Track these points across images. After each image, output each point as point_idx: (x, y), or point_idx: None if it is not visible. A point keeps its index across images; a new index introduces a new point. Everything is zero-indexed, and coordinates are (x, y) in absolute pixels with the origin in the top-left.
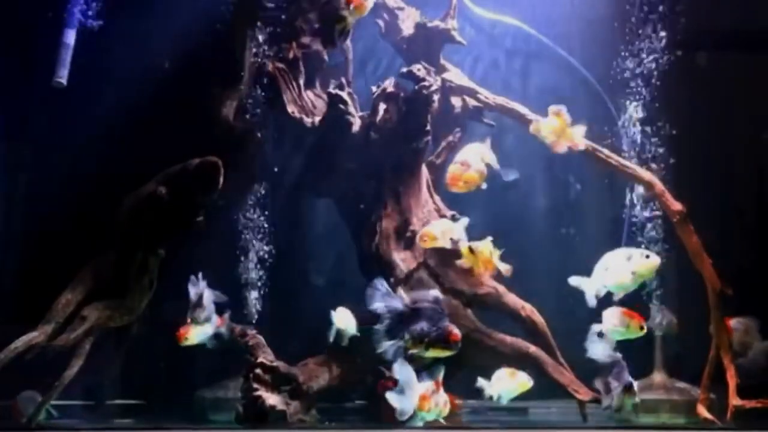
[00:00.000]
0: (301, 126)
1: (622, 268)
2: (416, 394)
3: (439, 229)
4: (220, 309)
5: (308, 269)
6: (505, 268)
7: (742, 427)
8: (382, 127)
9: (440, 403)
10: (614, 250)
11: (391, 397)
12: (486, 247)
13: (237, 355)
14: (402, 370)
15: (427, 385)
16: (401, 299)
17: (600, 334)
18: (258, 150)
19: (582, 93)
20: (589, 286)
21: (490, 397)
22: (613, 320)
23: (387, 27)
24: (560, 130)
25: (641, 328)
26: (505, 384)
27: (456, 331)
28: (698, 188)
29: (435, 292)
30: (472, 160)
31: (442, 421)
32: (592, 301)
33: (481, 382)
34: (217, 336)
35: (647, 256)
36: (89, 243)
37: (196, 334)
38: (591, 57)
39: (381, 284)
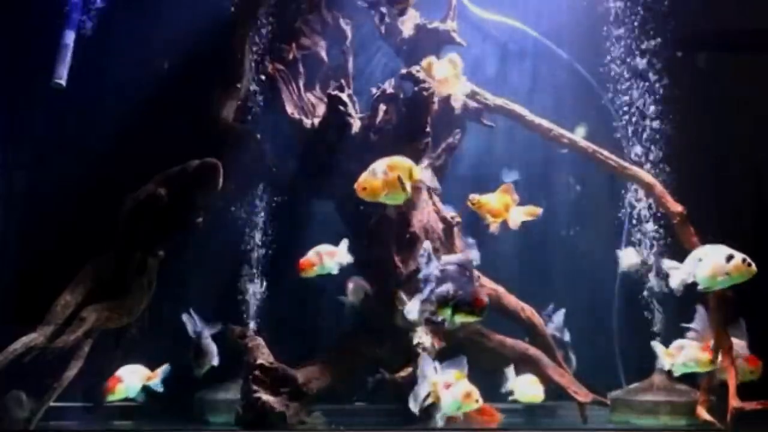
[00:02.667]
0: (300, 127)
1: (719, 264)
2: (435, 384)
3: (318, 254)
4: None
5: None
6: (530, 211)
7: (742, 429)
8: (381, 128)
9: (459, 395)
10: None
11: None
12: (491, 197)
13: (237, 356)
14: (423, 363)
15: (447, 376)
16: (435, 262)
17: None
18: (257, 151)
19: (581, 93)
20: (679, 272)
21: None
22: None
23: (387, 28)
24: (452, 76)
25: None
26: (525, 388)
27: (483, 297)
28: (698, 189)
29: (465, 256)
30: (379, 170)
31: (459, 415)
32: (676, 286)
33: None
34: (145, 388)
35: (749, 264)
36: (89, 244)
37: (124, 388)
38: (588, 56)
39: (426, 247)
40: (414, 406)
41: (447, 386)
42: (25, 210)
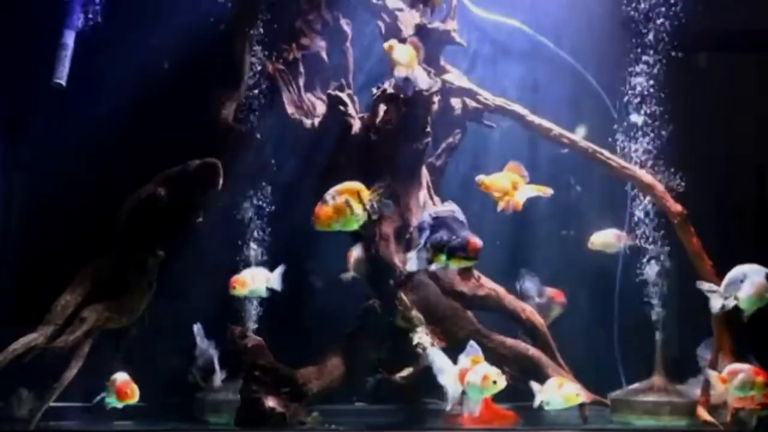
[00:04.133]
0: (300, 127)
1: (762, 284)
2: (456, 374)
3: (251, 276)
4: None
5: (307, 270)
6: (539, 188)
7: (742, 430)
8: (381, 128)
9: (475, 379)
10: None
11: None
12: (499, 176)
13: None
14: (434, 356)
15: (462, 363)
16: (429, 211)
17: None
18: (257, 151)
19: (582, 94)
20: (718, 295)
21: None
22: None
23: (387, 28)
24: (411, 59)
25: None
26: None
27: (475, 240)
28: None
29: (455, 206)
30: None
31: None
32: (717, 311)
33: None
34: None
35: None
36: (89, 244)
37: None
38: (592, 59)
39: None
40: (448, 403)
41: (466, 373)
42: (25, 210)
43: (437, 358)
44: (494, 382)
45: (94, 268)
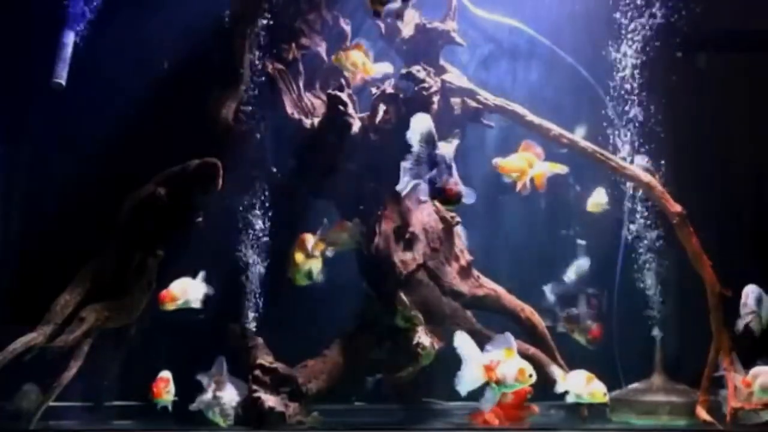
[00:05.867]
0: (300, 127)
1: None
2: (480, 364)
3: (180, 288)
4: None
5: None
6: (554, 166)
7: (741, 430)
8: (381, 128)
9: (509, 374)
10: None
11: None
12: (514, 156)
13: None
14: (463, 343)
15: (493, 355)
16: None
17: None
18: (257, 151)
19: (580, 93)
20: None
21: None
22: None
23: (387, 28)
24: (363, 61)
25: None
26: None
27: (452, 186)
28: (697, 189)
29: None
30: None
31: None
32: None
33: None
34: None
35: None
36: (89, 244)
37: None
38: (588, 56)
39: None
40: (462, 388)
41: (496, 365)
42: (25, 210)
43: (465, 344)
44: (530, 376)
45: (93, 268)
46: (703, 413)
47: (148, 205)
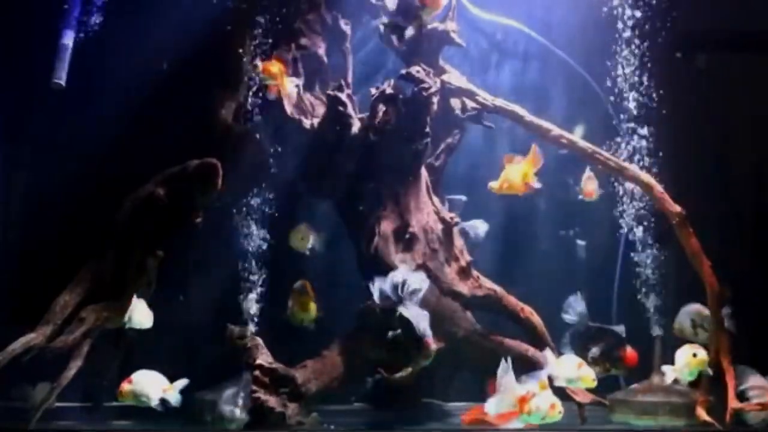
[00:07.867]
0: (300, 127)
1: None
2: (515, 396)
3: (143, 382)
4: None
5: (307, 270)
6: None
7: (741, 430)
8: (381, 128)
9: (542, 406)
10: None
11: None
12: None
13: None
14: (504, 373)
15: (529, 386)
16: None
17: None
18: (257, 151)
19: (580, 94)
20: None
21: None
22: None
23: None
24: (279, 71)
25: None
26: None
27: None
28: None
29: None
30: None
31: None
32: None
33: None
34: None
35: None
36: (88, 244)
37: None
38: (588, 57)
39: None
40: (490, 409)
41: (530, 397)
42: (25, 210)
43: (506, 375)
44: (559, 413)
45: (93, 268)
46: (702, 414)
47: (148, 205)
